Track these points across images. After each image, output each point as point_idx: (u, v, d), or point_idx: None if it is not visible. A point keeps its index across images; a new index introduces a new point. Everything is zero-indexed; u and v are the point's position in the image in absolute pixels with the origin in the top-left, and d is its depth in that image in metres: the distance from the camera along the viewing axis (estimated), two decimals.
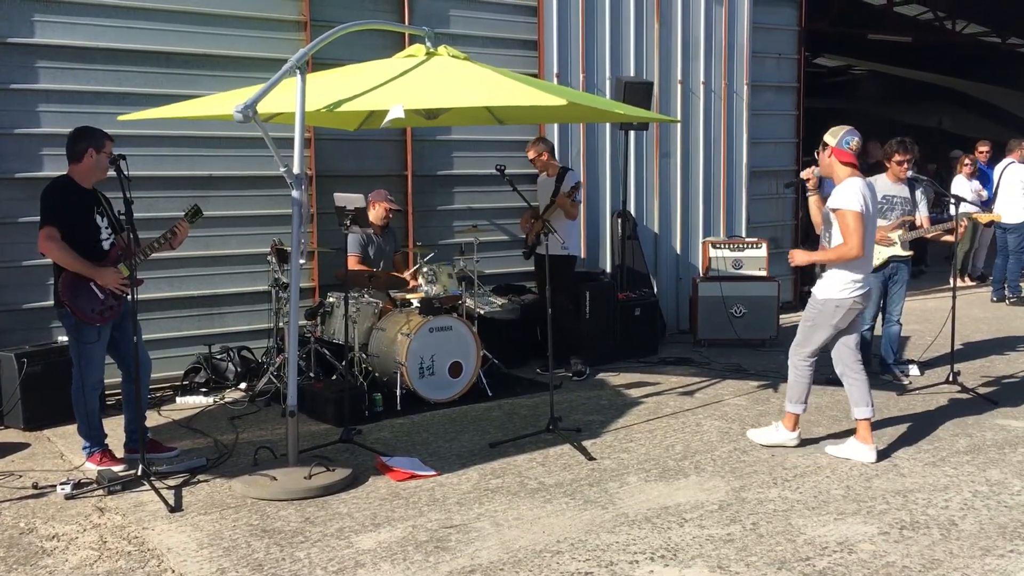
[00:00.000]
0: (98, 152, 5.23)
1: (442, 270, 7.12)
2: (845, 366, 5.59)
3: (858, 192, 5.26)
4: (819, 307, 5.50)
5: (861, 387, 5.53)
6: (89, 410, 5.34)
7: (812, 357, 5.61)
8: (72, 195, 5.20)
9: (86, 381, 5.30)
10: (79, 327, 5.23)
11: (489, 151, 8.41)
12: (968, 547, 4.23)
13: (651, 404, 6.70)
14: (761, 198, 10.38)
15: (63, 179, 5.28)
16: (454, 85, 5.38)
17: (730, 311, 8.70)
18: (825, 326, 5.49)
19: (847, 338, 5.56)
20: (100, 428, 5.46)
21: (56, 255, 5.12)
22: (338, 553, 4.23)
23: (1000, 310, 10.82)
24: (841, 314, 5.43)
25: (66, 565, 4.14)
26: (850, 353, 5.57)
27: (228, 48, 7.28)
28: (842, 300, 5.41)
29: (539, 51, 8.70)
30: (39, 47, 6.65)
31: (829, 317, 5.46)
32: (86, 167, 5.24)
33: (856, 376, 5.55)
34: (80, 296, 5.17)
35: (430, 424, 6.31)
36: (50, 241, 5.08)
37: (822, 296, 5.50)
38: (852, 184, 5.30)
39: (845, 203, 5.26)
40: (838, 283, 5.42)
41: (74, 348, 5.32)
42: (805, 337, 5.59)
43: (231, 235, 7.44)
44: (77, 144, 5.24)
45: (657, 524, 4.52)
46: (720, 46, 9.75)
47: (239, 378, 7.18)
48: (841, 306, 5.42)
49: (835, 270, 5.42)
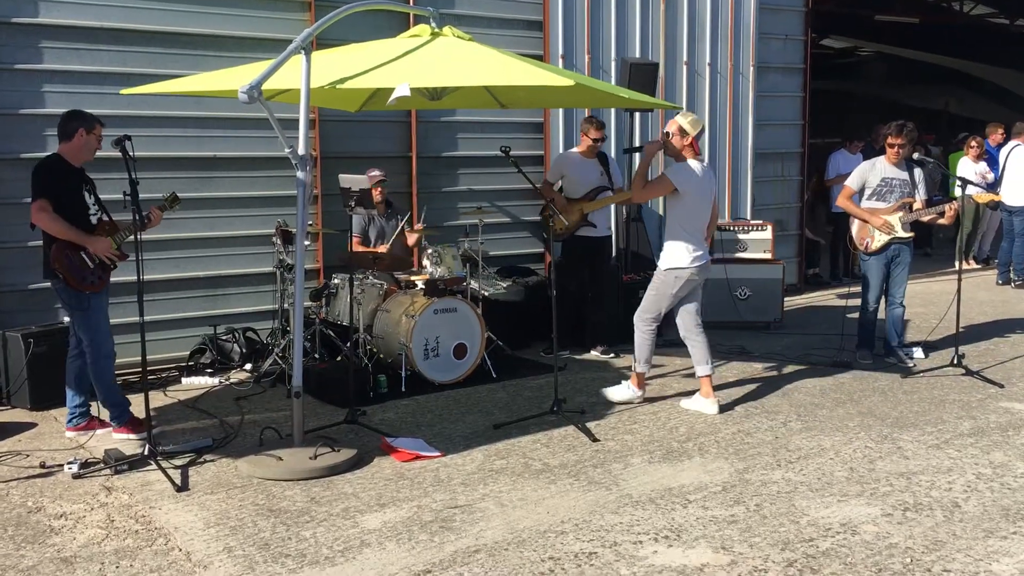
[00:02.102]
0: (88, 133, 5.39)
1: (447, 252, 7.12)
2: (687, 330, 6.17)
3: (689, 174, 5.97)
4: (661, 277, 6.08)
5: (702, 348, 6.13)
6: (111, 380, 5.48)
7: (655, 322, 6.19)
8: (61, 172, 5.36)
9: (101, 351, 5.43)
10: (77, 297, 5.33)
11: (494, 132, 8.40)
12: (971, 529, 4.24)
13: (655, 386, 6.71)
14: (767, 180, 10.36)
15: (53, 157, 5.44)
16: (459, 65, 5.36)
17: (735, 293, 8.69)
18: (666, 295, 6.07)
19: (688, 305, 6.15)
20: (124, 397, 5.56)
21: (48, 225, 5.26)
22: (344, 532, 4.25)
23: (1005, 293, 10.80)
24: (680, 284, 6.02)
25: (74, 543, 4.17)
26: (691, 318, 6.16)
27: (233, 28, 7.26)
28: (680, 271, 6.00)
29: (544, 32, 8.67)
30: (44, 27, 6.63)
31: (670, 286, 6.04)
32: (76, 146, 5.40)
33: (697, 339, 6.14)
34: (72, 264, 5.30)
35: (435, 405, 6.33)
36: (42, 212, 5.23)
37: (663, 267, 6.08)
38: (689, 165, 6.01)
39: (671, 174, 6.02)
40: (676, 255, 6.01)
41: (80, 321, 5.41)
42: (649, 304, 6.15)
43: (236, 216, 7.44)
44: (68, 124, 5.41)
45: (661, 505, 4.54)
46: (726, 27, 9.70)
47: (244, 359, 7.20)
48: (680, 276, 6.00)
49: (674, 242, 6.02)
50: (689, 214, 6.01)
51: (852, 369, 7.16)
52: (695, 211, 6.02)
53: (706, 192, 6.08)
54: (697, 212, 6.03)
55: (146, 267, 5.35)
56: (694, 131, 5.99)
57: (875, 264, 7.23)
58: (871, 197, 7.18)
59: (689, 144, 6.00)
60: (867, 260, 7.26)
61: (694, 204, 6.00)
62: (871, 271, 7.25)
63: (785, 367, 7.26)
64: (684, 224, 6.02)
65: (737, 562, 3.92)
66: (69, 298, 5.36)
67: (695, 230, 6.03)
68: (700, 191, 6.02)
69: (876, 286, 7.24)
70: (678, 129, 5.99)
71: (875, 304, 7.26)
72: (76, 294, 5.33)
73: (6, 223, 6.59)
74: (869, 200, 7.20)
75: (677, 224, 6.03)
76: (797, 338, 8.30)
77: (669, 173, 6.04)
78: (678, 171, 6.00)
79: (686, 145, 6.00)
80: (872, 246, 7.16)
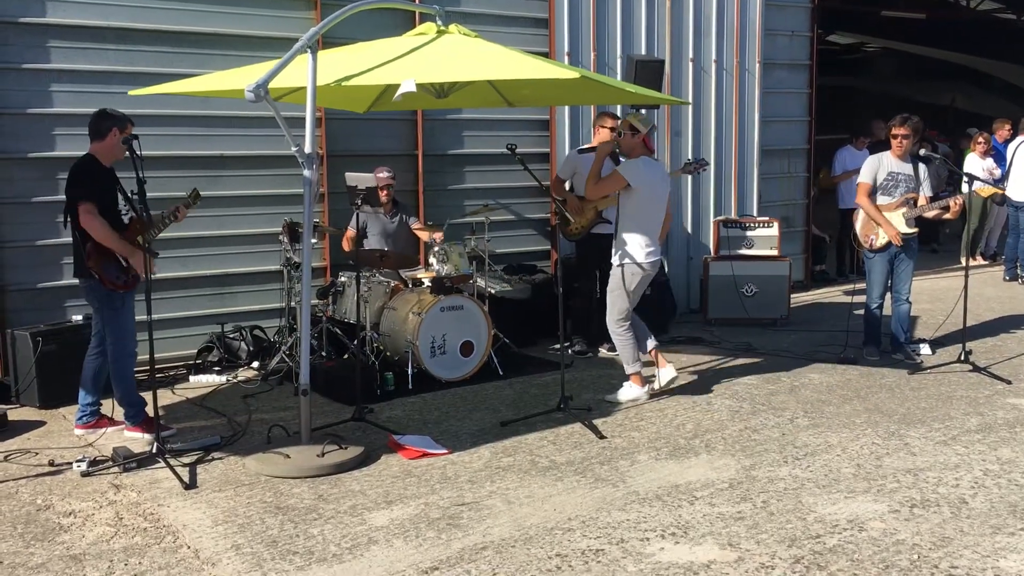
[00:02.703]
0: (121, 132, 5.38)
1: (453, 249, 7.13)
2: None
3: (641, 170, 6.10)
4: (617, 274, 6.16)
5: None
6: (131, 379, 5.52)
7: (625, 321, 6.21)
8: (98, 172, 5.40)
9: (126, 349, 5.48)
10: (110, 296, 5.38)
11: (500, 130, 8.39)
12: (978, 525, 4.24)
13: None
14: (773, 177, 10.33)
15: (88, 158, 5.45)
16: (465, 61, 5.37)
17: (741, 290, 8.69)
18: (627, 291, 6.15)
19: None
20: (141, 398, 5.60)
21: (96, 230, 5.28)
22: (351, 530, 4.26)
23: (1012, 289, 10.77)
24: (637, 280, 6.13)
25: (83, 541, 4.19)
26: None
27: (239, 27, 7.27)
28: (636, 266, 6.11)
29: (550, 29, 8.66)
30: (51, 27, 6.65)
31: (628, 282, 6.14)
32: (109, 145, 5.42)
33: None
34: (108, 265, 5.35)
35: (441, 403, 6.34)
36: (91, 216, 5.26)
37: (618, 262, 6.17)
38: (640, 162, 6.15)
39: (624, 170, 6.14)
40: (631, 250, 6.12)
41: (109, 320, 5.46)
42: (614, 306, 6.21)
43: (243, 215, 7.46)
44: (102, 123, 5.42)
45: (668, 502, 4.55)
46: (732, 23, 9.68)
47: (251, 357, 7.21)
48: (636, 272, 6.11)
49: (627, 236, 6.12)
50: (642, 210, 6.13)
51: (859, 365, 7.15)
52: (648, 207, 6.15)
53: (659, 189, 6.22)
54: (650, 208, 6.16)
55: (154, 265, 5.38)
56: (644, 129, 6.16)
57: (879, 261, 7.22)
58: (876, 191, 7.17)
59: (640, 142, 6.17)
60: (871, 257, 7.26)
61: (647, 200, 6.13)
62: (875, 268, 7.24)
63: (792, 364, 7.25)
64: (637, 220, 6.13)
65: (744, 559, 3.92)
66: (102, 297, 5.41)
67: (648, 226, 6.15)
68: (652, 188, 6.16)
69: (880, 283, 7.23)
70: (629, 127, 6.16)
71: (879, 300, 7.26)
72: (109, 293, 5.38)
73: (14, 222, 6.61)
74: (874, 195, 7.18)
75: (630, 220, 6.15)
76: (804, 335, 8.30)
77: (621, 169, 6.17)
78: (630, 167, 6.13)
79: (637, 143, 6.16)
80: (876, 243, 7.15)
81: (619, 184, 6.13)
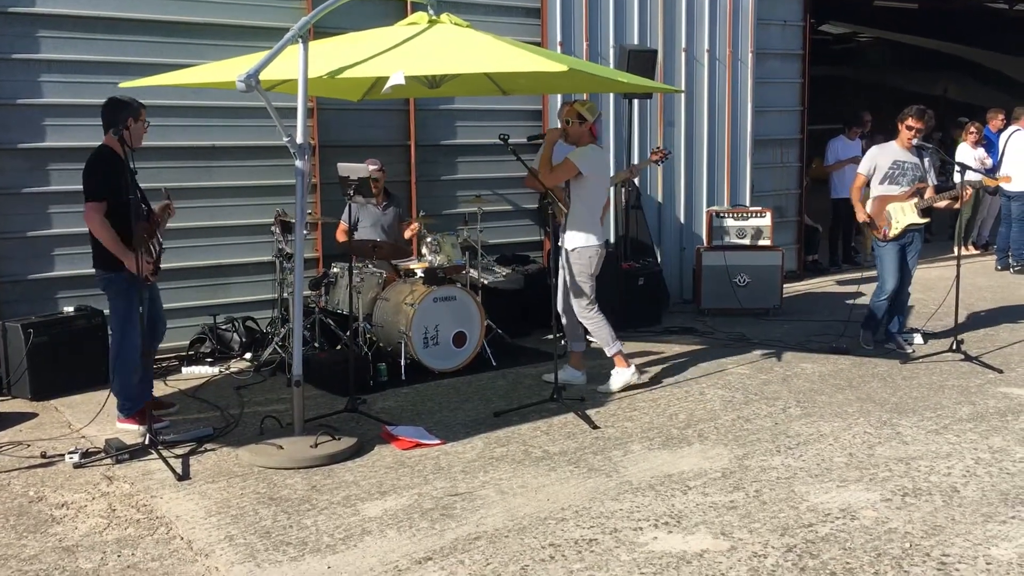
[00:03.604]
0: (136, 121, 5.30)
1: (446, 240, 7.12)
2: (566, 311, 6.37)
3: (591, 157, 6.24)
4: (575, 259, 6.24)
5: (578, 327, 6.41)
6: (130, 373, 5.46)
7: (593, 305, 6.30)
8: (116, 163, 5.25)
9: (133, 342, 5.40)
10: (128, 290, 5.29)
11: (493, 120, 8.38)
12: (970, 514, 4.25)
13: (654, 373, 6.72)
14: (766, 167, 10.34)
15: (105, 149, 5.33)
16: (456, 52, 5.35)
17: (734, 280, 8.70)
18: (585, 275, 6.24)
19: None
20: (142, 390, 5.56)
21: (98, 231, 5.24)
22: (345, 520, 4.27)
23: (1004, 278, 10.80)
24: (595, 261, 6.26)
25: (76, 533, 4.19)
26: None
27: (230, 17, 7.24)
28: (591, 249, 6.22)
29: (542, 19, 8.63)
30: (40, 16, 6.60)
31: (587, 266, 6.23)
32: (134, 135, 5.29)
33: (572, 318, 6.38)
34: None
35: (435, 394, 6.34)
36: (95, 215, 5.21)
37: (574, 247, 6.24)
38: (589, 149, 6.28)
39: (575, 158, 6.22)
40: (585, 235, 6.22)
41: (122, 311, 5.39)
42: (578, 292, 6.28)
43: (234, 206, 7.43)
44: (117, 114, 5.28)
45: (661, 492, 4.56)
46: (725, 13, 9.67)
47: (244, 348, 7.20)
48: (594, 256, 6.24)
49: (580, 221, 6.21)
50: (591, 196, 6.29)
51: (851, 355, 7.17)
52: (595, 193, 6.32)
53: (604, 175, 6.51)
54: (597, 194, 6.34)
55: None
56: (592, 117, 6.29)
57: (891, 250, 7.16)
58: (883, 181, 7.12)
59: (588, 130, 6.30)
60: (883, 246, 7.17)
61: (595, 187, 6.31)
62: (887, 257, 7.16)
63: (784, 354, 7.26)
64: (589, 204, 6.27)
65: (737, 548, 3.93)
66: (120, 292, 5.35)
67: (595, 211, 6.33)
68: (600, 174, 6.38)
69: (893, 271, 7.14)
70: (577, 116, 6.26)
71: (893, 288, 7.15)
72: (127, 287, 5.30)
73: (5, 213, 6.58)
74: (882, 184, 7.13)
75: (583, 205, 6.26)
76: (796, 325, 8.31)
77: (573, 157, 6.25)
78: (581, 155, 6.24)
79: (584, 131, 6.28)
80: (890, 233, 7.12)
81: (571, 172, 6.23)
